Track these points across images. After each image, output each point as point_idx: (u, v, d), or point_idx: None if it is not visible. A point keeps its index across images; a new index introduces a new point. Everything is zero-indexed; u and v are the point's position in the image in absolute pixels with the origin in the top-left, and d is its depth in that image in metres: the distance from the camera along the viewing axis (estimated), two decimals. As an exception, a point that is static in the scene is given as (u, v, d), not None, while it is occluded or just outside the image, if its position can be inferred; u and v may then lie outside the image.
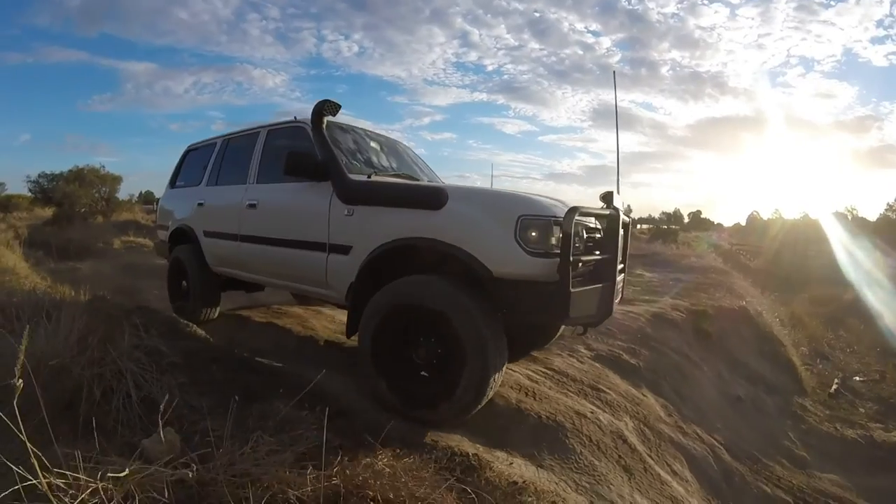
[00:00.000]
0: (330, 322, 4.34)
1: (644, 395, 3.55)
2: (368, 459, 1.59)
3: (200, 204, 3.98)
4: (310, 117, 3.12)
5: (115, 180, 18.17)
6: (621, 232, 2.58)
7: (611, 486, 2.43)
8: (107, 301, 2.83)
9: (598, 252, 2.51)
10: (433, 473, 1.66)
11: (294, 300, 4.90)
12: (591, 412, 2.98)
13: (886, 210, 21.73)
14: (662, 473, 2.85)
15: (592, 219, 2.60)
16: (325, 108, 3.08)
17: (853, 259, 12.36)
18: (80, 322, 2.00)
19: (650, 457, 2.93)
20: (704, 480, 3.16)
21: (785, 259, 14.67)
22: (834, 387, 6.26)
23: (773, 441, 4.31)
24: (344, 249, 2.75)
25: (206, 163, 4.13)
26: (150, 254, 8.27)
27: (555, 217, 2.24)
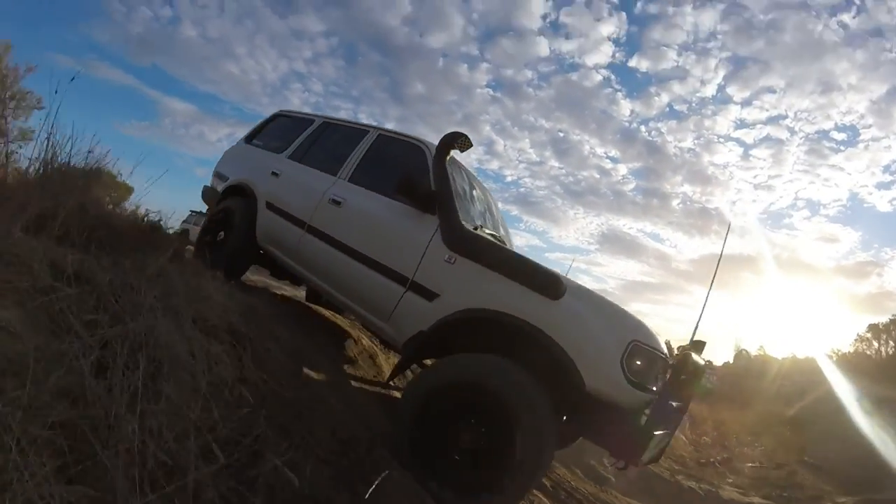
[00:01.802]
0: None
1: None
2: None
3: (275, 174, 3.71)
4: (436, 144, 2.94)
5: (127, 190, 19.14)
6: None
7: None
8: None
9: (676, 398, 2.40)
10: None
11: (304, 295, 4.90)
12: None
13: (856, 341, 20.29)
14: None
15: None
16: (458, 142, 2.88)
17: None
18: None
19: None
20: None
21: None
22: (711, 459, 6.46)
23: (576, 459, 4.70)
24: (429, 294, 2.50)
25: (295, 135, 3.90)
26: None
27: (662, 353, 2.17)
